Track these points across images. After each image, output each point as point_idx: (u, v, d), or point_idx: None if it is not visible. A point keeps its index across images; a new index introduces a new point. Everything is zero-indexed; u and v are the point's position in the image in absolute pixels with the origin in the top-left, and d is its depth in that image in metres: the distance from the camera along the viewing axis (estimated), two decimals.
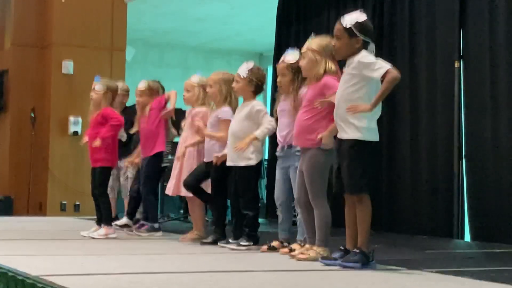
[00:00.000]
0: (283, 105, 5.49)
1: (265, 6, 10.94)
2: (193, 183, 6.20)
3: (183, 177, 6.32)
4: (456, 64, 7.29)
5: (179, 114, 7.24)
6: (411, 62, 7.79)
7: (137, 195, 7.14)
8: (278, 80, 5.50)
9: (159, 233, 6.92)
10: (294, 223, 5.61)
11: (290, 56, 5.39)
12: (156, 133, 6.95)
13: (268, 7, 10.50)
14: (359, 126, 4.51)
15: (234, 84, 5.85)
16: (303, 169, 4.99)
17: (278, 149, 5.56)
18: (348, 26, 4.57)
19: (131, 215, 7.29)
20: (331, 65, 4.96)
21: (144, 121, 7.03)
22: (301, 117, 5.02)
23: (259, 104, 5.80)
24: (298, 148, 5.20)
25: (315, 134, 4.90)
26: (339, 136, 4.64)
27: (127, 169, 7.64)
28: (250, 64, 5.78)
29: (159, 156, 6.99)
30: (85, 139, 6.70)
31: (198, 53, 14.68)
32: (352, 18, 4.59)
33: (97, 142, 6.41)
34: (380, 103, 4.56)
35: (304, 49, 5.06)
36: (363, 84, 4.53)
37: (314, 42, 5.02)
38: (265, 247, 5.50)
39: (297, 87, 5.33)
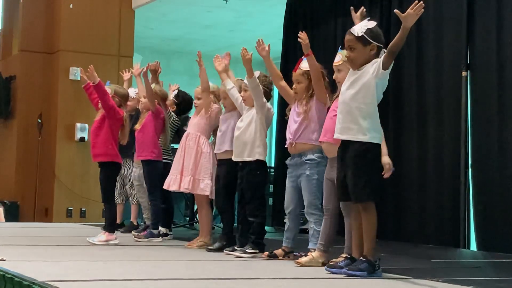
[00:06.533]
0: (294, 106, 5.48)
1: (272, 14, 10.96)
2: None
3: (185, 172, 6.33)
4: (463, 74, 7.29)
5: (186, 121, 7.26)
6: (418, 71, 7.79)
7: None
8: (293, 87, 5.47)
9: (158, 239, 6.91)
10: (301, 231, 5.58)
11: (305, 63, 5.40)
12: (150, 142, 6.93)
13: (275, 14, 10.52)
14: (364, 127, 4.47)
15: (242, 93, 5.87)
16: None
17: (288, 157, 5.53)
18: (360, 35, 4.56)
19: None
20: None
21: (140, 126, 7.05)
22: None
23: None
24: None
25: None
26: (340, 137, 4.58)
27: (131, 177, 7.69)
28: (256, 73, 5.81)
29: (157, 164, 6.98)
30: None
31: (205, 60, 14.61)
32: (362, 26, 4.60)
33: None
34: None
35: (340, 61, 4.98)
36: (371, 89, 4.51)
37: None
38: (266, 253, 5.50)
39: (311, 93, 5.33)
